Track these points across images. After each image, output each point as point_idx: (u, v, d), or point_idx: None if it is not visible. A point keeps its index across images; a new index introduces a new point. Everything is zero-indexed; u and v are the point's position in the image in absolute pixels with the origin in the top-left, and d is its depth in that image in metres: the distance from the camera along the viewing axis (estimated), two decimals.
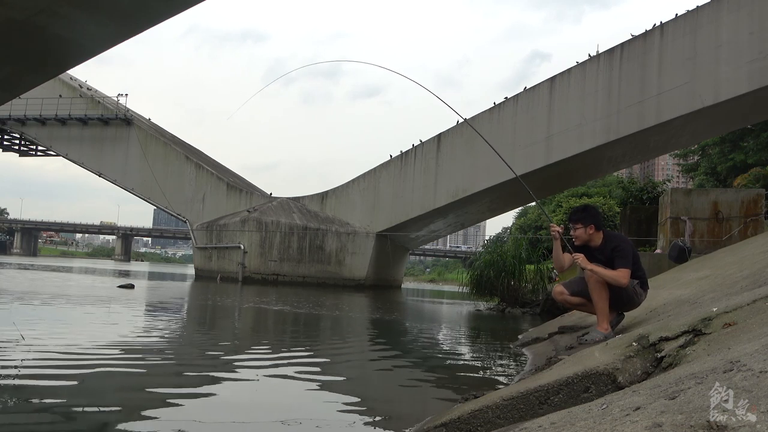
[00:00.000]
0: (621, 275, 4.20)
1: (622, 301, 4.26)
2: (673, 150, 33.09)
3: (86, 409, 3.06)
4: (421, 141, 25.28)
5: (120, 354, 4.90)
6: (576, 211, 4.63)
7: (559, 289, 4.61)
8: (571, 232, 4.55)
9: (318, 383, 4.08)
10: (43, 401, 3.11)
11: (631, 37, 20.90)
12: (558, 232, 4.51)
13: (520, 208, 62.02)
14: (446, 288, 41.36)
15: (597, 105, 21.02)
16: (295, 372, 4.46)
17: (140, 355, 4.92)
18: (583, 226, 4.48)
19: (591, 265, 4.31)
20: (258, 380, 4.07)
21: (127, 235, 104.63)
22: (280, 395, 3.64)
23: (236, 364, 4.77)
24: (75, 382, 3.62)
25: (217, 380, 3.98)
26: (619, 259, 4.26)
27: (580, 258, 4.35)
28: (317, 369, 4.75)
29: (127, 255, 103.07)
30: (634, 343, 2.48)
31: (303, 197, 28.00)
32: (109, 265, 55.74)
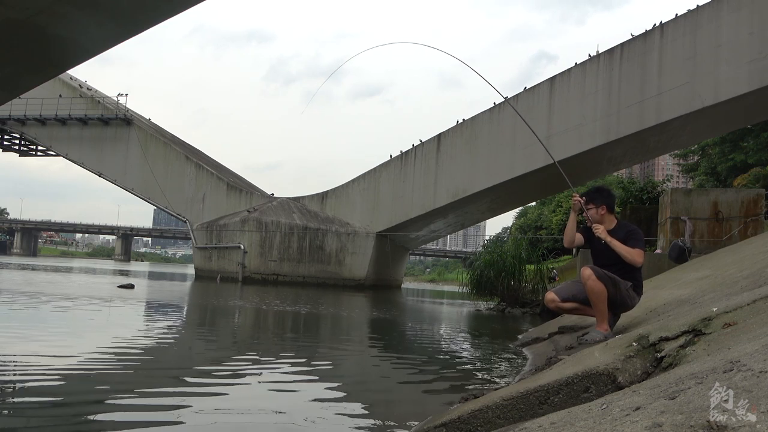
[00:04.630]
0: (637, 253, 4.25)
1: (615, 304, 4.25)
2: (673, 150, 33.09)
3: (83, 412, 3.06)
4: (421, 141, 25.29)
5: (119, 356, 4.89)
6: (589, 192, 4.61)
7: (550, 297, 4.56)
8: (584, 214, 4.55)
9: (318, 383, 4.08)
10: (38, 404, 3.11)
11: (631, 37, 20.90)
12: (579, 201, 4.52)
13: (520, 208, 62.11)
14: (446, 288, 41.37)
15: (597, 105, 21.01)
16: (295, 372, 4.46)
17: (140, 357, 4.92)
18: (595, 206, 4.48)
19: (610, 237, 4.33)
20: (257, 380, 4.07)
21: (127, 235, 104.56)
22: (279, 395, 3.64)
23: (235, 364, 4.77)
24: (72, 385, 3.62)
25: (216, 381, 3.98)
26: (634, 241, 4.30)
27: (600, 229, 4.37)
28: (317, 369, 4.75)
29: (127, 255, 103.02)
30: (634, 343, 2.48)
31: (303, 197, 28.00)
32: (109, 265, 55.75)
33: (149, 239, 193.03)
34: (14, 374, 3.74)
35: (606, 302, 4.18)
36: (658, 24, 20.29)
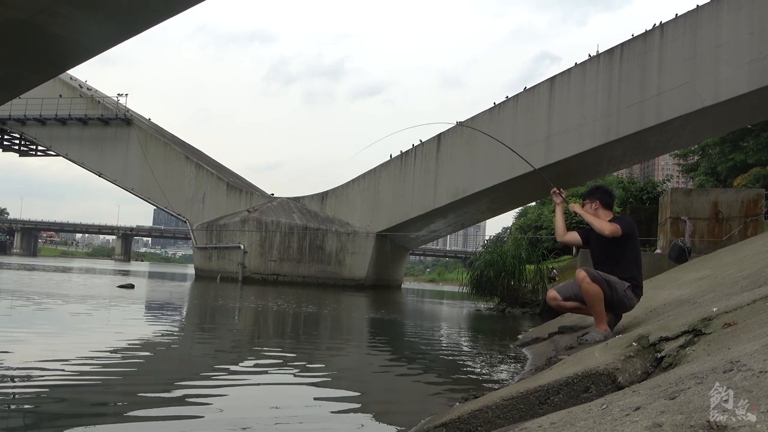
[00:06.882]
0: (606, 224, 4.34)
1: (613, 305, 4.26)
2: (673, 150, 33.09)
3: (79, 415, 3.06)
4: (421, 141, 25.29)
5: (119, 357, 4.89)
6: (589, 188, 4.76)
7: (552, 295, 4.60)
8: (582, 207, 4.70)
9: (318, 383, 4.08)
10: (36, 406, 3.11)
11: (631, 37, 20.90)
12: (559, 194, 4.69)
13: (520, 208, 62.02)
14: (446, 288, 41.36)
15: (597, 105, 21.01)
16: (295, 372, 4.46)
17: (140, 358, 4.92)
18: (590, 201, 4.60)
19: (581, 210, 4.55)
20: (257, 381, 4.07)
21: (127, 235, 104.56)
22: (280, 395, 3.64)
23: (236, 364, 4.77)
24: (71, 386, 3.62)
25: (216, 381, 3.98)
26: (618, 221, 4.42)
27: (576, 206, 4.63)
28: (317, 369, 4.75)
29: (127, 255, 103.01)
30: (634, 343, 2.48)
31: (303, 197, 28.00)
32: (109, 265, 55.76)
33: (149, 239, 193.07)
34: (10, 377, 3.73)
35: (602, 303, 4.20)
36: (658, 24, 20.29)
